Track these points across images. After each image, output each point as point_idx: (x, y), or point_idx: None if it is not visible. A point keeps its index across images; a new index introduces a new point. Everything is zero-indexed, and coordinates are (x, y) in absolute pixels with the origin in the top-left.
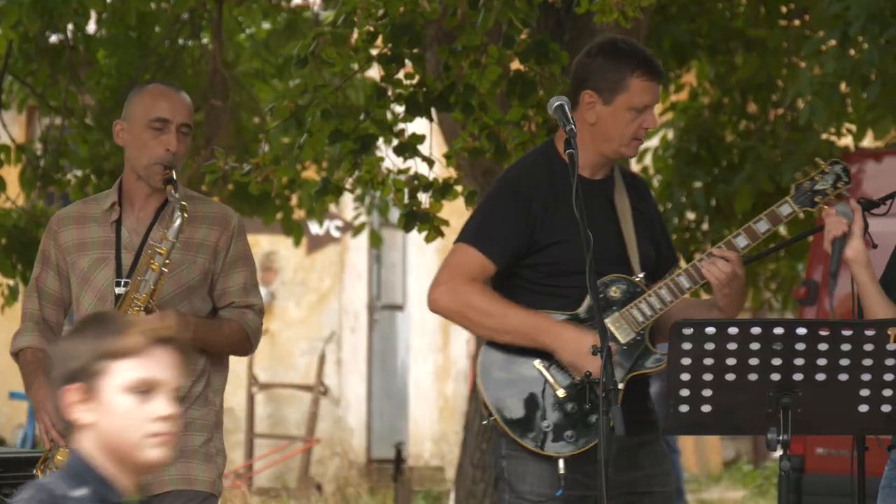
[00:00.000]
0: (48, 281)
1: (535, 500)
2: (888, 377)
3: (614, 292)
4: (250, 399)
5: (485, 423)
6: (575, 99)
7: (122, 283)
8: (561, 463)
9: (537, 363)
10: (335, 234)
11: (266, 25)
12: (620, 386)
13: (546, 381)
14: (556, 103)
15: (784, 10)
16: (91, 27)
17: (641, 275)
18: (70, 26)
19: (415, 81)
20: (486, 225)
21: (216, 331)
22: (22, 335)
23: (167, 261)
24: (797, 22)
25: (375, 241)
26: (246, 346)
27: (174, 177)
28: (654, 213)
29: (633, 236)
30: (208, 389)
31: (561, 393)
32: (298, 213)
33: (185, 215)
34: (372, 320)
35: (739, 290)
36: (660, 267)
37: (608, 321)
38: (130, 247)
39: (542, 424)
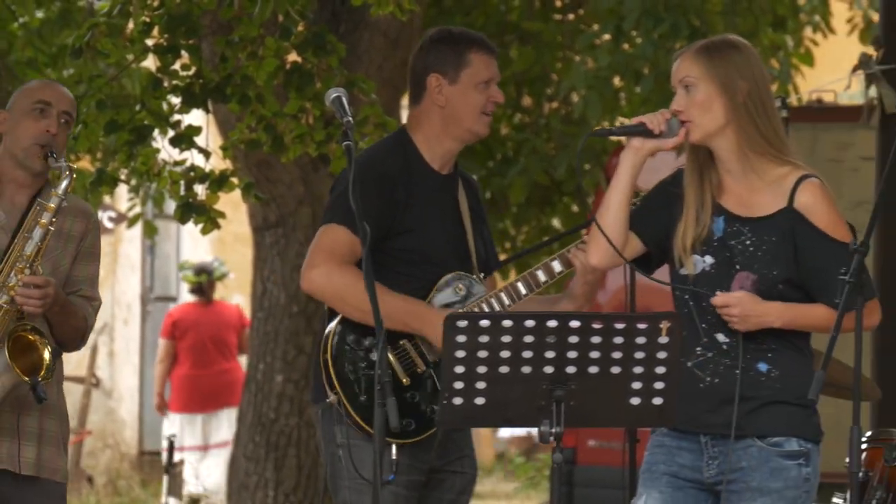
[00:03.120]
0: None
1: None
2: (660, 370)
3: (458, 289)
4: None
5: (328, 401)
6: (419, 90)
7: None
8: (393, 448)
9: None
10: (108, 224)
11: (39, 14)
12: None
13: (393, 368)
14: (334, 95)
15: (559, 3)
16: None
17: (482, 274)
18: None
19: (191, 72)
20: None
21: (74, 312)
22: None
23: (53, 218)
24: (572, 16)
25: (150, 231)
26: (81, 337)
27: (53, 151)
28: (483, 214)
29: (471, 235)
30: (60, 375)
31: (405, 381)
32: None
33: (74, 177)
34: (145, 312)
35: (599, 280)
36: (486, 268)
37: None
38: (7, 227)
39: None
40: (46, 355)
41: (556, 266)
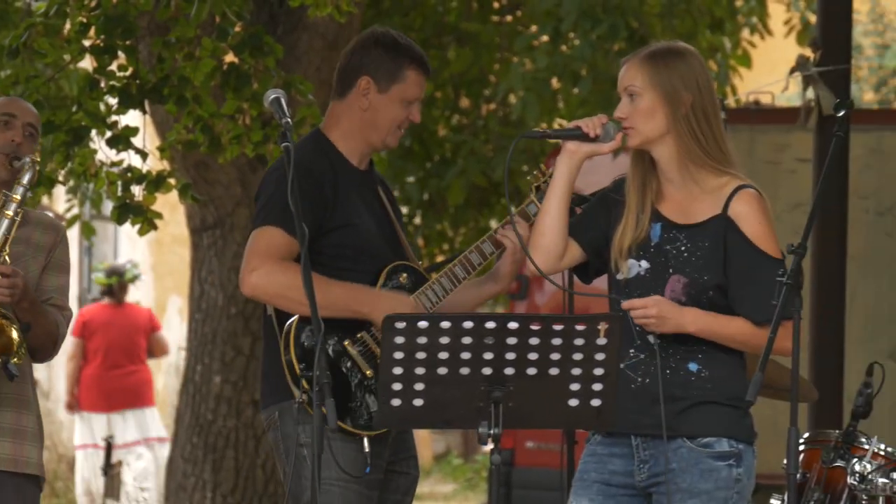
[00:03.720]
0: None
1: (344, 483)
2: (598, 371)
3: (403, 279)
4: None
5: (298, 400)
6: (347, 85)
7: None
8: (366, 441)
9: (346, 343)
10: None
11: None
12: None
13: (354, 360)
14: (272, 96)
15: (497, 5)
16: None
17: (420, 262)
18: None
19: (128, 73)
20: (283, 204)
21: (44, 313)
22: None
23: (20, 209)
24: (510, 17)
25: (88, 232)
26: (53, 344)
27: (18, 158)
28: (399, 211)
29: (398, 227)
30: (33, 367)
31: (368, 372)
32: None
33: (37, 168)
34: None
35: (523, 260)
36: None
37: None
38: None
39: (350, 404)
40: (15, 335)
41: (487, 248)
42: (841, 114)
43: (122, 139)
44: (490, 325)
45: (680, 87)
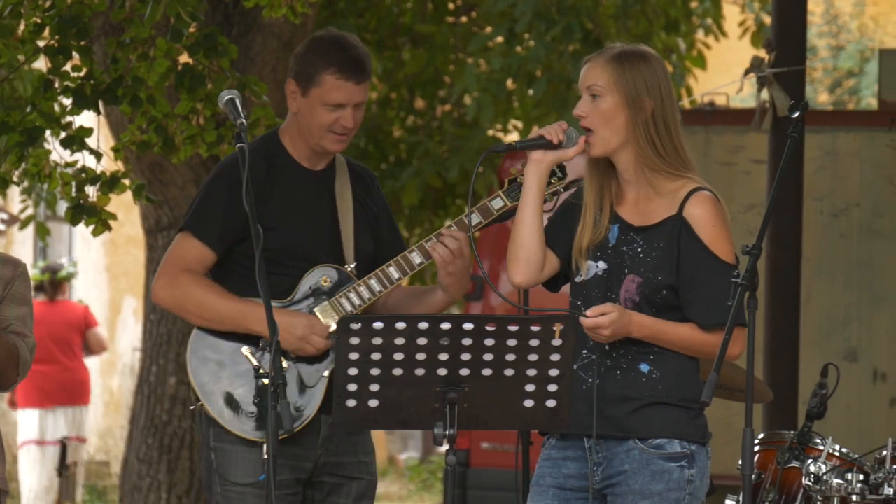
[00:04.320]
0: None
1: (245, 488)
2: (553, 372)
3: (325, 281)
4: None
5: (192, 408)
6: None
7: None
8: (263, 448)
9: (245, 349)
10: (0, 226)
11: None
12: (326, 374)
13: (253, 367)
14: (227, 97)
15: (451, 6)
16: None
17: (353, 265)
18: None
19: (82, 74)
20: (204, 211)
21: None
22: None
23: None
24: (465, 18)
25: (43, 233)
26: (15, 366)
27: None
28: (379, 206)
29: (351, 228)
30: None
31: (267, 379)
32: None
33: None
34: None
35: (464, 270)
36: (382, 259)
37: (318, 310)
38: None
39: (249, 410)
40: None
41: (416, 258)
42: (796, 115)
43: (76, 140)
44: (445, 325)
45: (643, 93)
